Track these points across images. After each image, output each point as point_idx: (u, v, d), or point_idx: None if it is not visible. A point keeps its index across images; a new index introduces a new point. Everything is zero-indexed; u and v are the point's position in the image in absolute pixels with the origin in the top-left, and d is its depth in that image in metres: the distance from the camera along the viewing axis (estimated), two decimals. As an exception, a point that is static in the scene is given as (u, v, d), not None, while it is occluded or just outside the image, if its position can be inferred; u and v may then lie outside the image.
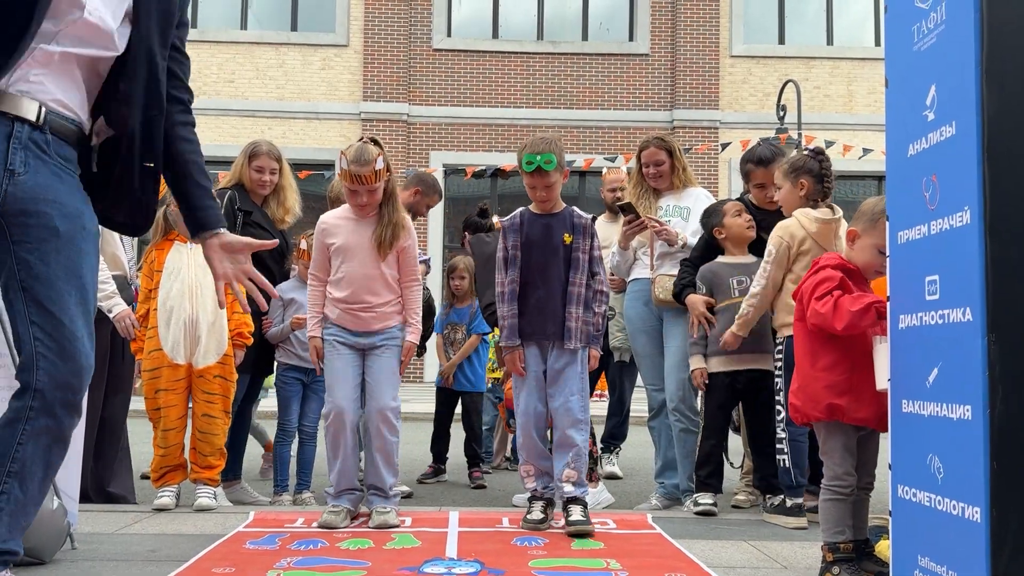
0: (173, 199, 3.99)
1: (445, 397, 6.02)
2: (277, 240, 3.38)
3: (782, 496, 4.04)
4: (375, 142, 3.64)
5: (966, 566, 2.09)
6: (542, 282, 3.60)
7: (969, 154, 2.11)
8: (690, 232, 4.35)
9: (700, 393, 4.35)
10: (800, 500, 3.88)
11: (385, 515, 3.47)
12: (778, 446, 3.80)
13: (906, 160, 2.42)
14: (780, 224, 3.68)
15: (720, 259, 4.13)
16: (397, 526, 3.43)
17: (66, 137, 2.07)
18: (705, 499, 4.02)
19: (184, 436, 3.99)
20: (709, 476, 4.10)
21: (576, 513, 3.40)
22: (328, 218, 3.83)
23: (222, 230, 2.32)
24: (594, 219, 3.86)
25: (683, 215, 4.43)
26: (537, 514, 3.48)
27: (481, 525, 3.54)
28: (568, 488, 3.49)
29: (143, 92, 2.15)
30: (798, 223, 3.48)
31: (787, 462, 3.79)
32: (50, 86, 2.00)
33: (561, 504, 3.54)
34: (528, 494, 3.67)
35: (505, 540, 3.25)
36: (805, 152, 3.93)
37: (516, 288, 3.61)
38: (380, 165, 3.54)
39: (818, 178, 3.73)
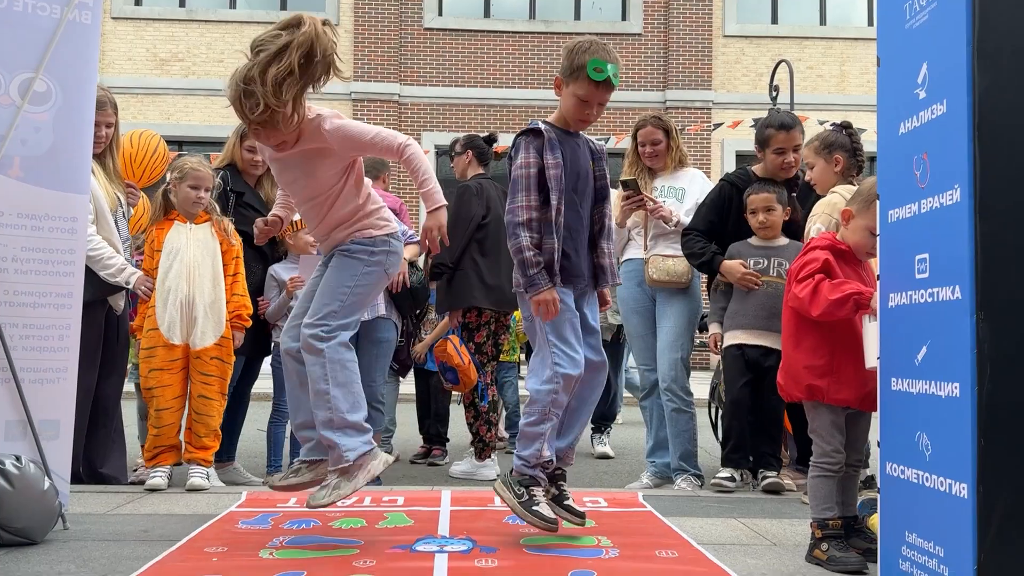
0: (173, 178, 4.00)
1: (422, 377, 5.95)
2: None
3: (775, 473, 4.09)
4: None
5: (953, 541, 2.11)
6: (577, 214, 3.01)
7: (960, 132, 2.11)
8: (683, 212, 4.34)
9: (690, 373, 4.39)
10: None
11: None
12: None
13: (897, 138, 2.42)
14: (823, 201, 3.65)
15: (750, 240, 4.15)
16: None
17: None
18: (723, 473, 4.08)
19: (179, 417, 3.98)
20: (733, 451, 4.13)
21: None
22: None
23: None
24: None
25: (678, 195, 4.43)
26: (548, 510, 2.82)
27: (473, 504, 3.55)
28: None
29: None
30: (841, 198, 3.39)
31: None
32: None
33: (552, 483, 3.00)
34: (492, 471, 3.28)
35: (497, 519, 3.25)
36: (831, 127, 3.90)
37: (561, 219, 2.91)
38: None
39: (851, 153, 3.74)
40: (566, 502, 2.96)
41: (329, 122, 2.76)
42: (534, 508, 2.75)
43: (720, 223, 4.20)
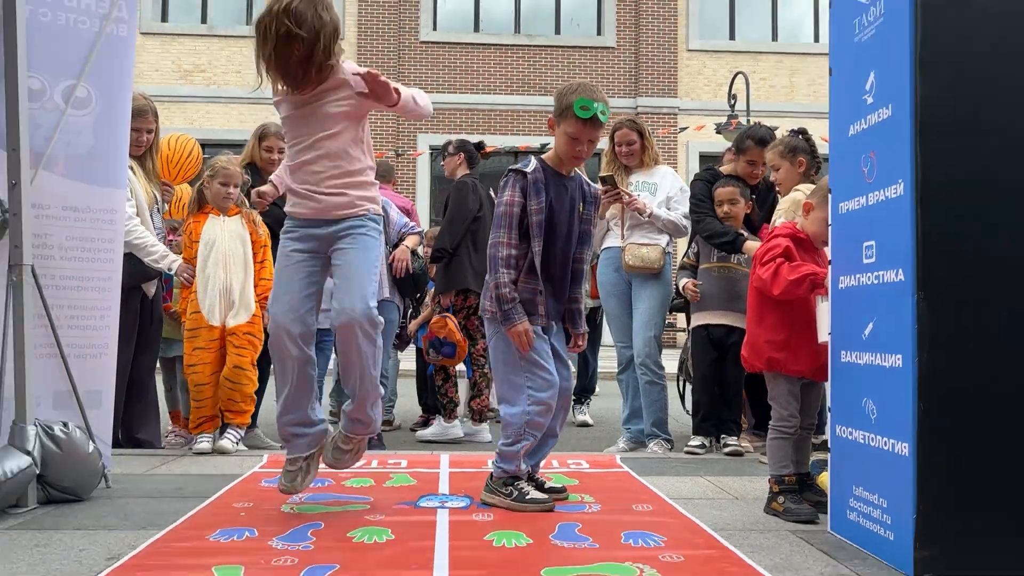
0: (206, 176, 4.01)
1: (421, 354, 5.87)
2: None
3: (736, 438, 4.13)
4: None
5: (895, 494, 2.14)
6: (555, 257, 2.82)
7: (903, 133, 2.13)
8: (656, 204, 4.35)
9: (662, 350, 4.41)
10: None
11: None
12: None
13: (847, 139, 2.43)
14: (788, 198, 3.67)
15: None
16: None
17: None
18: (695, 441, 4.16)
19: (215, 390, 3.99)
20: (703, 421, 4.20)
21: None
22: None
23: None
24: None
25: (651, 190, 4.43)
26: (540, 493, 2.76)
27: (470, 466, 3.54)
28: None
29: None
30: (803, 195, 3.40)
31: None
32: None
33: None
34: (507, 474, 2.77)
35: (487, 477, 3.24)
36: (790, 134, 3.94)
37: (537, 259, 2.74)
38: None
39: (811, 154, 3.79)
40: (546, 486, 2.88)
41: (353, 67, 2.61)
42: (527, 498, 2.67)
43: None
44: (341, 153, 2.60)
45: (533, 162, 2.78)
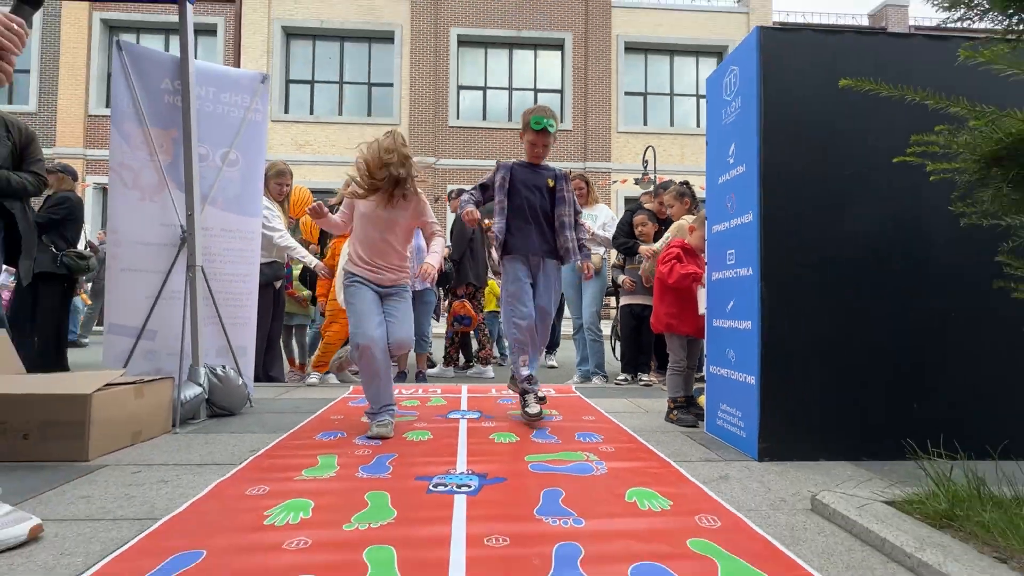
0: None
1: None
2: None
3: (647, 374, 4.15)
4: None
5: (746, 408, 2.15)
6: (524, 211, 2.68)
7: (752, 182, 2.13)
8: (597, 226, 4.36)
9: (601, 320, 4.41)
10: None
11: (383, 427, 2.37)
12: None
13: (717, 186, 2.43)
14: (676, 225, 3.64)
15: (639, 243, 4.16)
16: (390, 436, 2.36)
17: None
18: (621, 377, 4.17)
19: (336, 349, 3.99)
20: (626, 365, 4.21)
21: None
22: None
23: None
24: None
25: (593, 219, 4.41)
26: (534, 407, 2.58)
27: (480, 393, 3.53)
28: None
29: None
30: (686, 221, 3.40)
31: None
32: None
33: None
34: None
35: (493, 401, 3.25)
36: (680, 184, 3.97)
37: (504, 206, 2.67)
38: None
39: (692, 197, 3.80)
40: (540, 394, 2.72)
41: (423, 199, 2.57)
42: (525, 410, 2.58)
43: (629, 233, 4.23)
44: (398, 246, 2.52)
45: (511, 161, 2.77)
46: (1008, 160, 1.10)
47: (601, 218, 4.44)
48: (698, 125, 15.99)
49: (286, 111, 15.37)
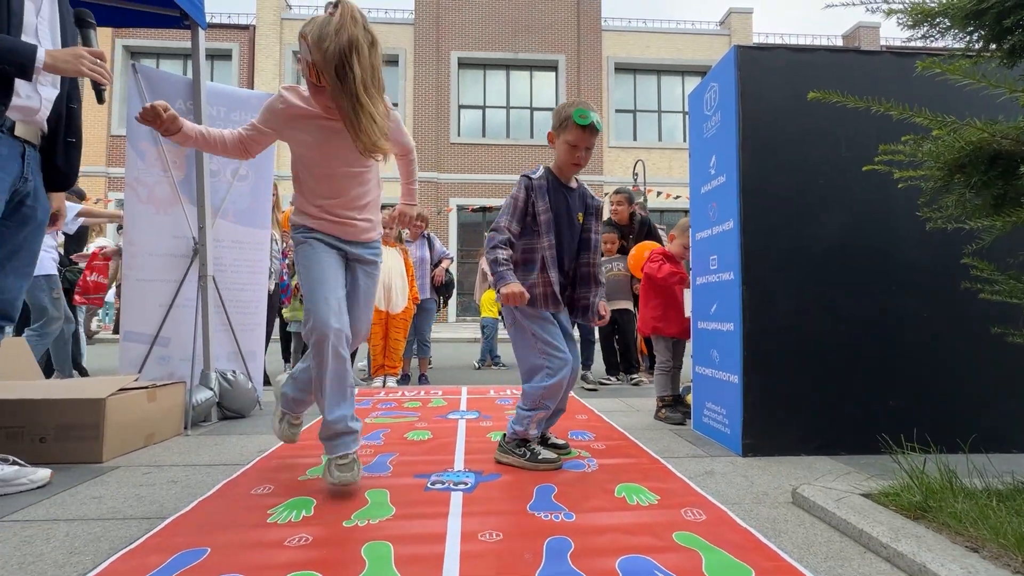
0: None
1: None
2: None
3: (637, 373, 4.13)
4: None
5: (730, 406, 2.14)
6: (557, 256, 1.90)
7: (732, 191, 2.12)
8: None
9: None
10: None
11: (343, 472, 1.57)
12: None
13: (700, 195, 2.43)
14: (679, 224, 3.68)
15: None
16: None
17: (39, 148, 1.70)
18: (609, 378, 4.15)
19: (382, 350, 3.98)
20: (609, 368, 4.19)
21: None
22: None
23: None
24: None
25: None
26: (550, 452, 1.88)
27: (478, 395, 3.51)
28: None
29: (65, 96, 1.73)
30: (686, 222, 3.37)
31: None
32: (40, 118, 1.65)
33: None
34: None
35: (492, 402, 3.23)
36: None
37: (553, 254, 1.86)
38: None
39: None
40: (550, 441, 2.03)
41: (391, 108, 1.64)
42: (540, 458, 1.84)
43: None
44: (366, 177, 1.68)
45: (540, 170, 1.93)
46: (970, 167, 1.10)
47: None
48: (684, 140, 16.07)
49: (297, 130, 15.40)
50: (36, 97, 1.63)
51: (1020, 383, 2.04)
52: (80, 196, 4.15)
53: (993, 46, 1.27)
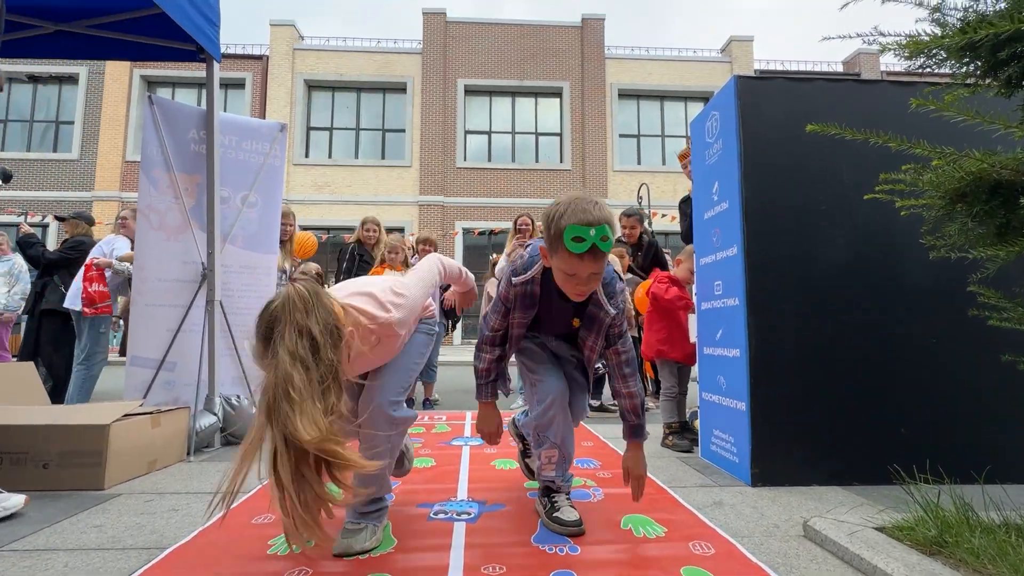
0: (385, 249, 4.01)
1: None
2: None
3: (645, 398, 4.11)
4: None
5: (738, 434, 2.10)
6: (554, 353, 1.62)
7: (735, 217, 2.13)
8: None
9: None
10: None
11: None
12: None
13: (704, 221, 2.44)
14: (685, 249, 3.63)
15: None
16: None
17: None
18: (612, 402, 4.07)
19: None
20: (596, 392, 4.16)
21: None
22: None
23: None
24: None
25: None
26: (571, 513, 1.54)
27: (483, 418, 3.48)
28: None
29: None
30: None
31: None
32: None
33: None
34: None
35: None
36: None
37: (522, 332, 1.55)
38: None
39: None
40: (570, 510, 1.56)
41: (391, 314, 1.29)
42: (553, 516, 1.53)
43: None
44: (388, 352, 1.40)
45: (534, 270, 1.46)
46: (971, 196, 1.10)
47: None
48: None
49: (307, 155, 15.74)
50: None
51: (1035, 411, 2.00)
52: (89, 222, 4.22)
53: (989, 78, 1.29)
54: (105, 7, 2.64)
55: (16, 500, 1.67)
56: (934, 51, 1.37)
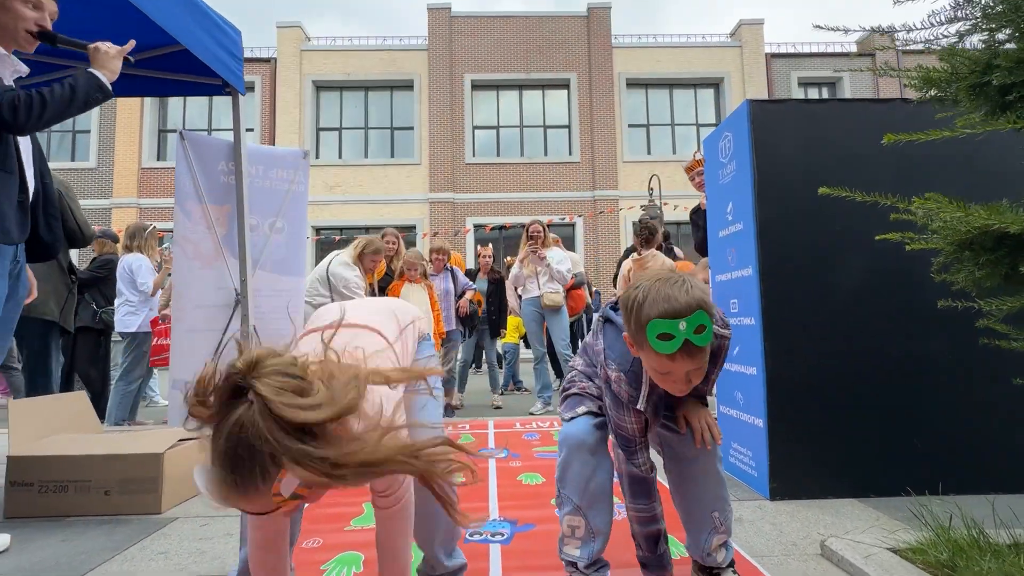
0: (403, 263, 4.13)
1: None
2: None
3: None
4: None
5: (756, 449, 2.16)
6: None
7: (750, 238, 2.18)
8: (554, 262, 4.51)
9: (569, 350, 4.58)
10: None
11: None
12: None
13: (719, 239, 2.48)
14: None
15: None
16: None
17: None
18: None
19: None
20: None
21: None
22: None
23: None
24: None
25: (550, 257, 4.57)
26: None
27: (505, 427, 3.56)
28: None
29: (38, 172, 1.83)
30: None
31: None
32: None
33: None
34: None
35: (518, 436, 3.28)
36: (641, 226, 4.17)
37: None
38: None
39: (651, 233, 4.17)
40: None
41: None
42: None
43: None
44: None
45: (625, 360, 1.17)
46: (977, 245, 1.16)
47: (555, 256, 4.59)
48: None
49: (317, 156, 15.86)
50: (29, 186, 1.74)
51: (1049, 423, 2.05)
52: (114, 240, 4.38)
53: (1002, 117, 1.33)
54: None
55: (2, 541, 1.71)
56: (947, 95, 1.42)
